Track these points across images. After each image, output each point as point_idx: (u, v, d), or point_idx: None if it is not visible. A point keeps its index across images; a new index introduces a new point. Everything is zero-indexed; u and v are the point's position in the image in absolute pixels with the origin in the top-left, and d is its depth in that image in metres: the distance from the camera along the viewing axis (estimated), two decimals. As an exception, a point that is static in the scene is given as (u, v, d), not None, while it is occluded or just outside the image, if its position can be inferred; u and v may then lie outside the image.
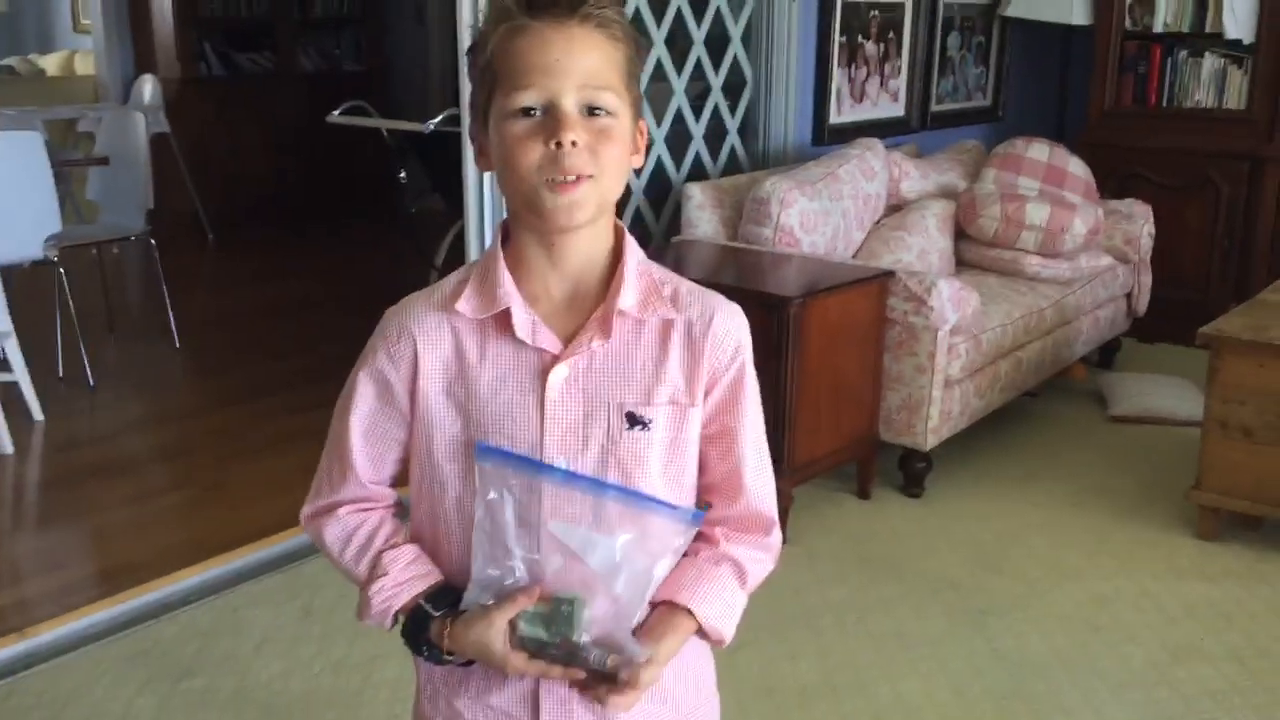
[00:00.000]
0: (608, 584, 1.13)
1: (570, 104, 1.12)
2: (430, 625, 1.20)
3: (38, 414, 4.10)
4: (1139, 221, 4.75)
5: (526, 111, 1.12)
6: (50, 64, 9.08)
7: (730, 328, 1.24)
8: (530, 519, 1.13)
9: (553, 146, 1.11)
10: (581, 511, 1.13)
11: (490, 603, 1.15)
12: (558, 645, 1.12)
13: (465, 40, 3.44)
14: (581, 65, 1.12)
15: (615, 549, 1.12)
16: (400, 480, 1.30)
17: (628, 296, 1.19)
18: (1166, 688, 2.67)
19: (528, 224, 1.18)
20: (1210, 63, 5.16)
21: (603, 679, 1.15)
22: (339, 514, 1.28)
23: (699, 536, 1.26)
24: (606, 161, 1.14)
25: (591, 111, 1.13)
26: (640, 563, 1.14)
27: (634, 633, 1.16)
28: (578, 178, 1.13)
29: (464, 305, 1.20)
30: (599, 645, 1.12)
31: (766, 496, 1.29)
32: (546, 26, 1.12)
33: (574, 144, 1.11)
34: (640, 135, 1.21)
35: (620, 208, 1.21)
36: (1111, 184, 5.07)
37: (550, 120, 1.12)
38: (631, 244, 1.23)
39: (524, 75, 1.12)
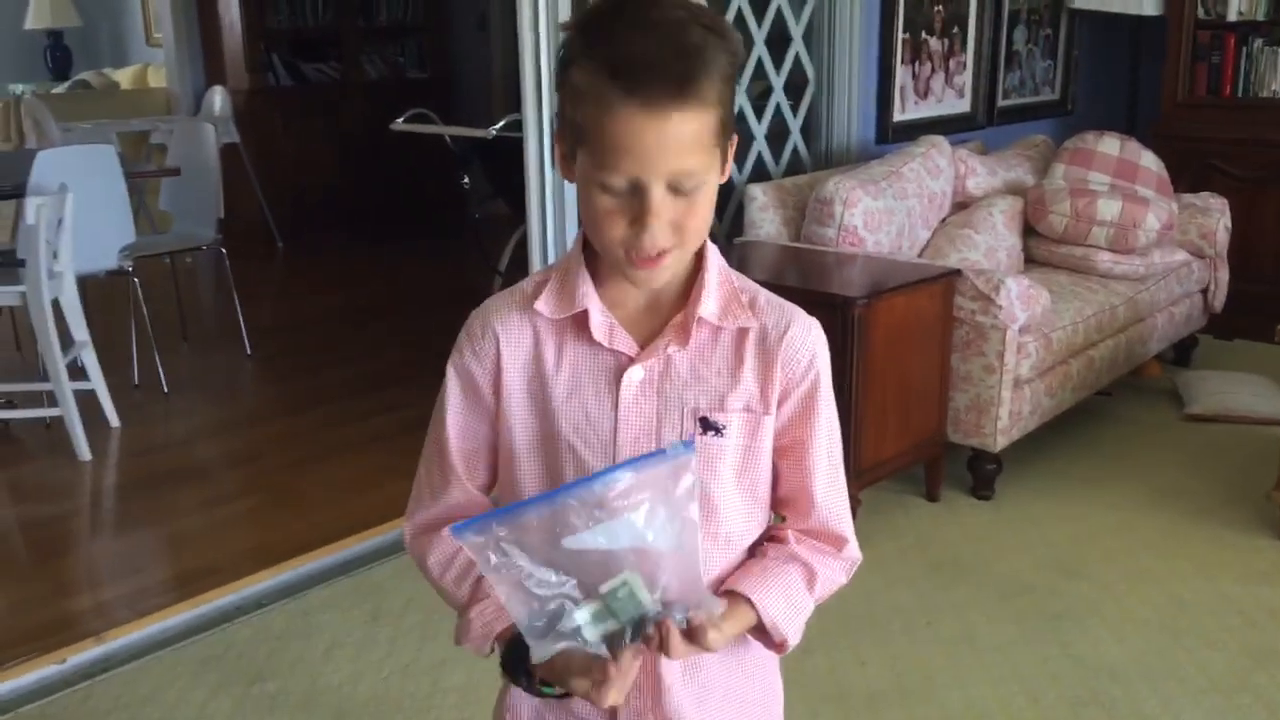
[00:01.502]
0: (649, 553, 1.06)
1: (658, 189, 1.10)
2: (529, 656, 1.15)
3: (114, 421, 4.18)
4: (1215, 215, 4.64)
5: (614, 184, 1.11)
6: (123, 77, 9.28)
7: (806, 340, 1.22)
8: (541, 555, 1.06)
9: (637, 229, 1.11)
10: (580, 516, 1.06)
11: (559, 645, 1.08)
12: (635, 626, 1.07)
13: (527, 48, 3.45)
14: (674, 151, 1.09)
15: (636, 522, 1.06)
16: (493, 485, 1.29)
17: (708, 304, 1.19)
18: (1249, 694, 2.60)
19: None
20: (1288, 51, 5.03)
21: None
22: (443, 534, 1.25)
23: (770, 537, 1.25)
24: (690, 231, 1.14)
25: (681, 186, 1.11)
26: (668, 518, 1.06)
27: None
28: (660, 254, 1.13)
29: (543, 305, 1.20)
30: (677, 603, 1.07)
31: (839, 513, 1.27)
32: (640, 112, 1.07)
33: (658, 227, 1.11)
34: (730, 147, 1.18)
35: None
36: (1186, 177, 4.95)
37: (636, 202, 1.10)
38: (713, 251, 1.22)
39: (613, 156, 1.09)
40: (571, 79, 1.11)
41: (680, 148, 1.09)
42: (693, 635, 1.08)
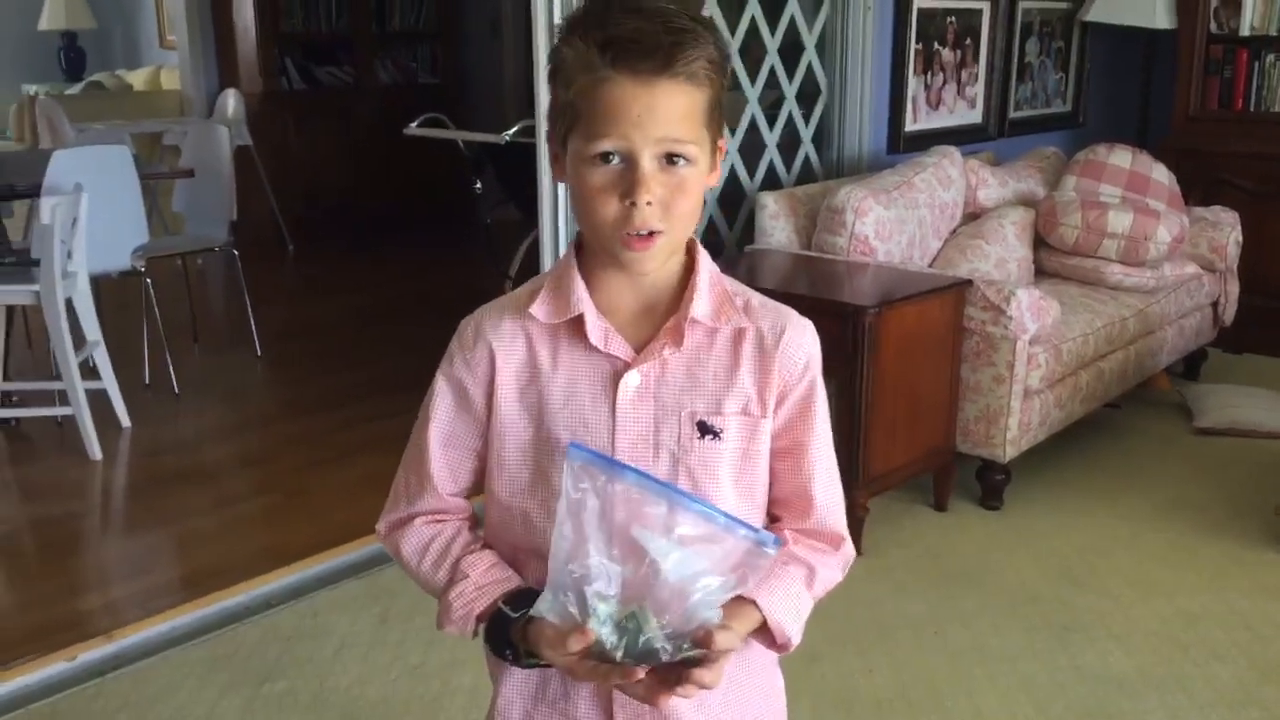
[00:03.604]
0: (680, 594, 1.09)
1: (648, 160, 1.13)
2: (510, 629, 1.19)
3: (125, 421, 4.20)
4: (1226, 229, 4.64)
5: (605, 157, 1.13)
6: (137, 79, 9.31)
7: (802, 341, 1.24)
8: (612, 521, 1.10)
9: (628, 204, 1.13)
10: (663, 520, 1.10)
11: (570, 609, 1.11)
12: (628, 650, 1.10)
13: (541, 54, 3.46)
14: (663, 120, 1.12)
15: (696, 565, 1.09)
16: (475, 491, 1.31)
17: (701, 305, 1.20)
18: (1256, 708, 2.59)
19: (598, 254, 1.20)
20: (1299, 66, 5.03)
21: (681, 667, 1.10)
22: (415, 524, 1.29)
23: None
24: (678, 215, 1.15)
25: (670, 159, 1.14)
26: (718, 580, 1.10)
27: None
28: (651, 233, 1.14)
29: (538, 309, 1.21)
30: (673, 639, 1.09)
31: (837, 512, 1.28)
32: (629, 81, 1.12)
33: (649, 203, 1.13)
34: (719, 152, 1.21)
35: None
36: (1197, 190, 4.95)
37: (628, 174, 1.13)
38: (704, 256, 1.24)
39: (604, 125, 1.12)
40: (564, 63, 1.15)
41: (668, 117, 1.12)
42: (705, 643, 1.08)
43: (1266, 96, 5.11)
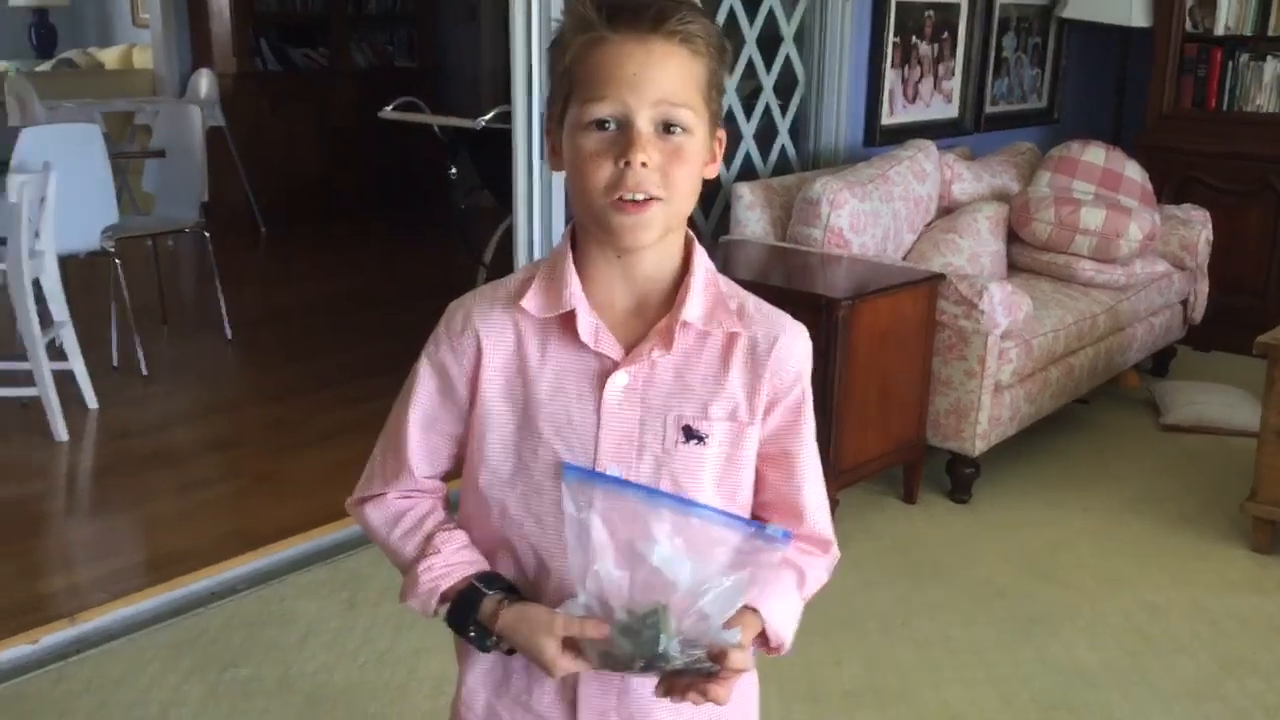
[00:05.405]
0: (694, 601, 1.09)
1: (644, 121, 1.11)
2: (481, 605, 1.18)
3: (92, 403, 4.16)
4: (1197, 227, 4.67)
5: (600, 124, 1.12)
6: (109, 58, 9.21)
7: (795, 349, 1.22)
8: (619, 537, 1.10)
9: (622, 165, 1.11)
10: (669, 531, 1.09)
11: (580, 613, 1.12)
12: (644, 659, 1.09)
13: (518, 39, 3.44)
14: (659, 81, 1.11)
15: (705, 569, 1.09)
16: (454, 474, 1.30)
17: (693, 308, 1.18)
18: (1218, 701, 2.62)
19: (595, 236, 1.18)
20: (1272, 66, 5.06)
21: (692, 674, 1.11)
22: (387, 498, 1.28)
23: None
24: (676, 183, 1.13)
25: (667, 129, 1.12)
26: (731, 580, 1.10)
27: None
28: (646, 199, 1.11)
29: (529, 303, 1.19)
30: (686, 645, 1.10)
31: (824, 518, 1.28)
32: (626, 40, 1.11)
33: (644, 165, 1.10)
34: (718, 145, 1.20)
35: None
36: (1169, 188, 4.98)
37: (623, 137, 1.11)
38: (701, 255, 1.22)
39: (600, 87, 1.11)
40: (563, 30, 1.15)
41: (664, 77, 1.11)
42: (720, 660, 1.10)
43: (1240, 96, 5.15)
